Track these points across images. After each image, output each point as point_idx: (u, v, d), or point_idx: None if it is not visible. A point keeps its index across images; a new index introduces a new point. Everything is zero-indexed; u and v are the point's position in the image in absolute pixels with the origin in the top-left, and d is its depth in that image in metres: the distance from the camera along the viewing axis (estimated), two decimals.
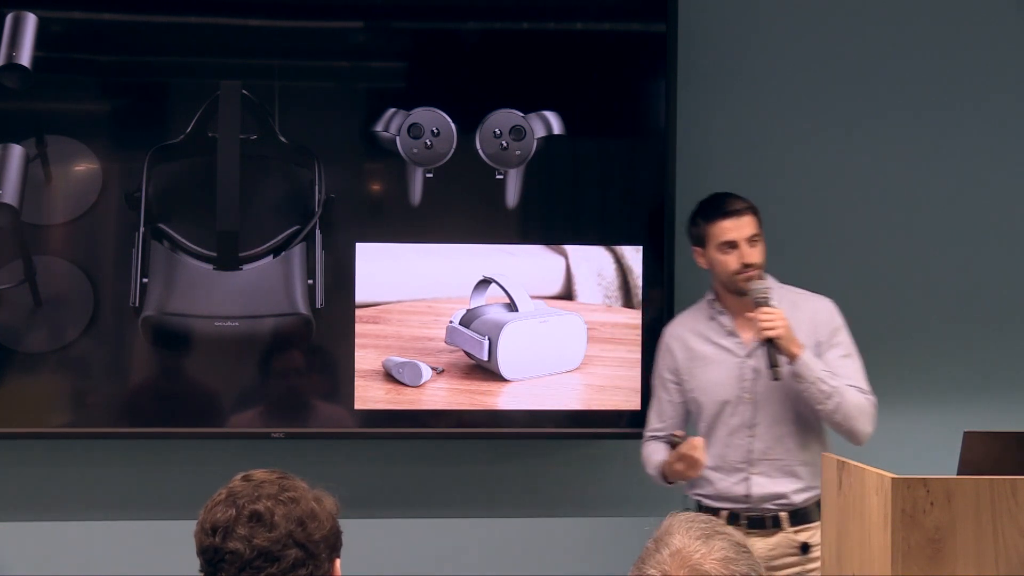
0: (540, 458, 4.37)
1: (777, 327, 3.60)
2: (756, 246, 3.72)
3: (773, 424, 3.71)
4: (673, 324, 3.91)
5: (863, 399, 3.68)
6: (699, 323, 3.82)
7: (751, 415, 3.71)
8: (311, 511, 2.03)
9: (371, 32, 4.30)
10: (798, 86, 4.42)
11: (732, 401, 3.73)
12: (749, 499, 3.71)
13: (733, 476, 3.73)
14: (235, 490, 2.05)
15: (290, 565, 1.99)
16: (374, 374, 4.16)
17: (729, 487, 3.73)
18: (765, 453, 3.70)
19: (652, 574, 1.78)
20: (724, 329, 3.77)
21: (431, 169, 4.18)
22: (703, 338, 3.80)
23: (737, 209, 3.73)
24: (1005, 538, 2.68)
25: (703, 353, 3.79)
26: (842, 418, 3.63)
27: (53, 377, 4.13)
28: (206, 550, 2.02)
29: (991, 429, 3.05)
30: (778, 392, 3.69)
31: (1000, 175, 4.48)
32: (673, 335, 3.86)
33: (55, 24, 4.11)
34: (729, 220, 3.72)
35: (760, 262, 3.71)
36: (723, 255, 3.72)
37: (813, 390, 3.62)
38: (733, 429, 3.72)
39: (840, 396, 3.62)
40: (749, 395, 3.71)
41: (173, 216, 4.11)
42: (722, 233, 3.72)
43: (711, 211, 3.76)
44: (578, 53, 4.22)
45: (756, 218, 3.74)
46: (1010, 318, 4.47)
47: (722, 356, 3.76)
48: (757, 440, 3.71)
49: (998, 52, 4.48)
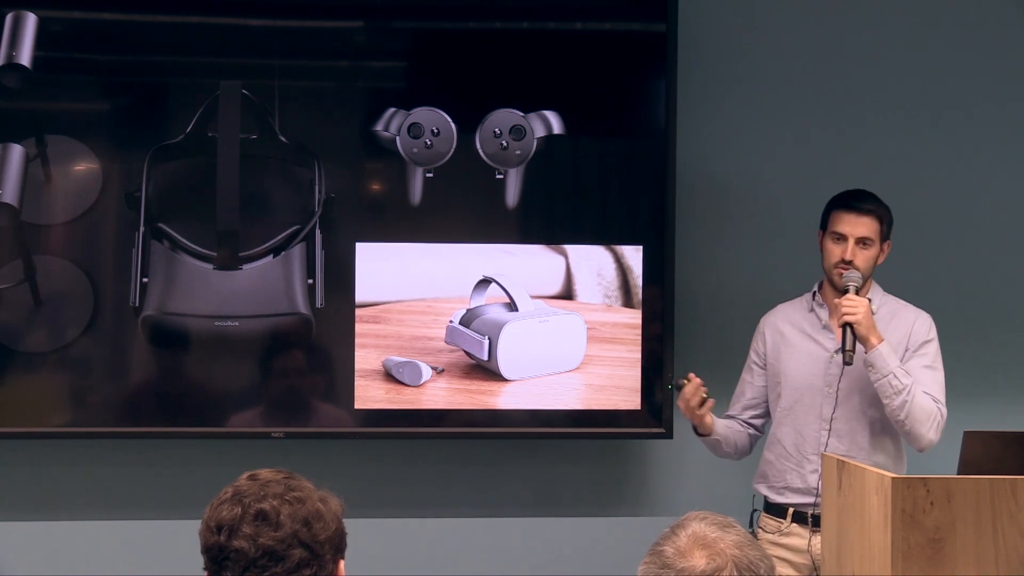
0: (540, 458, 4.36)
1: (858, 313, 3.61)
2: (866, 250, 3.73)
3: (850, 420, 3.74)
4: (772, 312, 3.95)
5: (932, 405, 3.67)
6: (797, 313, 3.87)
7: (831, 409, 3.74)
8: (317, 511, 2.03)
9: (371, 32, 4.30)
10: (798, 86, 4.42)
11: (813, 391, 3.76)
12: (818, 491, 3.69)
13: (804, 467, 3.76)
14: (241, 489, 2.05)
15: (295, 565, 1.99)
16: (374, 374, 4.16)
17: (799, 477, 3.76)
18: (837, 448, 3.72)
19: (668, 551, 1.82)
20: (820, 322, 3.82)
21: (431, 169, 4.18)
22: (796, 327, 3.85)
23: (861, 207, 3.75)
24: (1005, 538, 2.69)
25: (793, 341, 3.83)
26: (905, 417, 3.63)
27: (53, 377, 4.13)
28: (211, 548, 2.02)
29: (991, 429, 3.05)
30: (861, 392, 3.72)
31: (1001, 175, 4.49)
32: (768, 322, 3.93)
33: (55, 24, 4.11)
34: (849, 213, 3.75)
35: (862, 267, 3.72)
36: (832, 244, 3.75)
37: (884, 383, 3.62)
38: (810, 420, 3.77)
39: (910, 395, 3.62)
40: (832, 389, 3.74)
41: (173, 216, 4.11)
42: (837, 223, 3.75)
43: (839, 199, 3.80)
44: (578, 53, 4.22)
45: (879, 225, 3.75)
46: (1010, 318, 4.47)
47: (811, 347, 3.80)
48: (832, 434, 3.74)
49: (998, 52, 4.48)
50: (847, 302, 3.64)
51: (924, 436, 3.65)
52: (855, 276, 3.71)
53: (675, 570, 1.80)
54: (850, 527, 2.95)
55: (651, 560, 1.84)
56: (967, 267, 4.47)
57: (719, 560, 1.80)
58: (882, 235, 3.78)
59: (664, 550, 1.84)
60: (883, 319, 3.74)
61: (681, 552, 1.82)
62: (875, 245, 3.76)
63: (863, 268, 3.74)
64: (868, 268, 3.76)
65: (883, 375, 3.62)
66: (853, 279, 3.70)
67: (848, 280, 3.70)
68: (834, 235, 3.76)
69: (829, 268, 3.77)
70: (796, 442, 3.79)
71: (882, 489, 2.73)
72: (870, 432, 3.75)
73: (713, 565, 1.80)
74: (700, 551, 1.82)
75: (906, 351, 3.75)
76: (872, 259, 3.76)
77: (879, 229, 3.76)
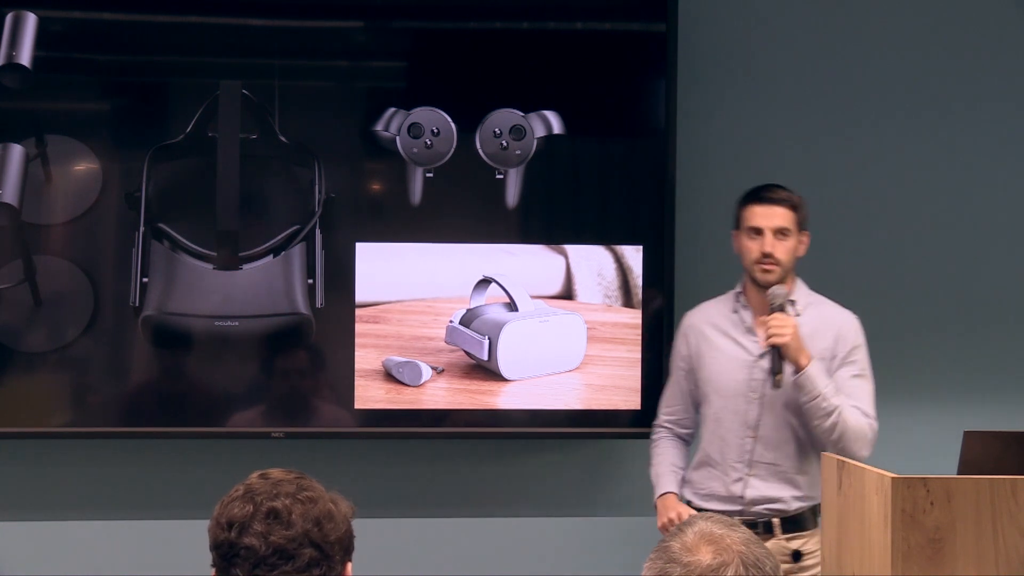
0: (540, 458, 4.37)
1: (784, 335, 3.52)
2: (784, 241, 3.63)
3: (776, 428, 3.65)
4: (694, 312, 3.85)
5: (864, 423, 3.60)
6: (720, 314, 3.76)
7: (756, 416, 3.65)
8: (328, 512, 2.03)
9: (371, 32, 4.30)
10: (798, 86, 4.43)
11: (738, 398, 3.67)
12: (742, 500, 3.66)
13: (730, 475, 3.67)
14: (253, 487, 2.04)
15: (304, 564, 1.99)
16: (374, 374, 4.16)
17: (724, 486, 3.68)
18: (763, 456, 3.64)
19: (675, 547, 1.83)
20: (744, 325, 3.71)
21: (431, 169, 4.18)
22: (720, 330, 3.74)
23: (772, 198, 3.66)
24: (1005, 538, 2.68)
25: (717, 345, 3.73)
26: (838, 438, 3.55)
27: (53, 377, 4.13)
28: (220, 545, 2.01)
29: (991, 429, 3.04)
30: (786, 398, 3.62)
31: (1001, 175, 4.49)
32: (691, 323, 3.82)
33: (55, 24, 4.11)
34: (761, 206, 3.65)
35: (782, 258, 3.62)
36: (748, 241, 3.66)
37: (814, 406, 3.54)
38: (735, 427, 3.67)
39: (840, 417, 3.55)
40: (756, 395, 3.65)
41: (173, 216, 4.11)
42: (751, 217, 3.66)
43: (749, 194, 3.71)
44: (578, 53, 4.22)
45: (793, 214, 3.65)
46: (1010, 318, 4.47)
47: (735, 351, 3.70)
48: (758, 442, 3.65)
49: (998, 52, 4.48)
50: (775, 323, 3.54)
51: (856, 454, 3.50)
52: (781, 293, 3.60)
53: (681, 564, 1.80)
54: (850, 527, 2.95)
55: (657, 556, 1.84)
56: (967, 266, 4.47)
57: (725, 556, 1.81)
58: (798, 224, 3.66)
59: (671, 546, 1.84)
60: (810, 322, 3.64)
61: (688, 548, 1.82)
62: (792, 235, 3.64)
63: (784, 260, 3.62)
64: (789, 260, 3.65)
65: (812, 398, 3.54)
66: (779, 296, 3.59)
67: (774, 298, 3.59)
68: (750, 230, 3.65)
69: (750, 265, 3.66)
70: (721, 449, 3.68)
71: (882, 489, 2.73)
72: (798, 439, 3.65)
73: (719, 560, 1.80)
74: (707, 547, 1.82)
75: (834, 358, 3.64)
76: (791, 251, 3.65)
77: (794, 218, 3.65)
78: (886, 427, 4.38)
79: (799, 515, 3.65)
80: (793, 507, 3.65)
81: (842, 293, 4.38)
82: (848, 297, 4.39)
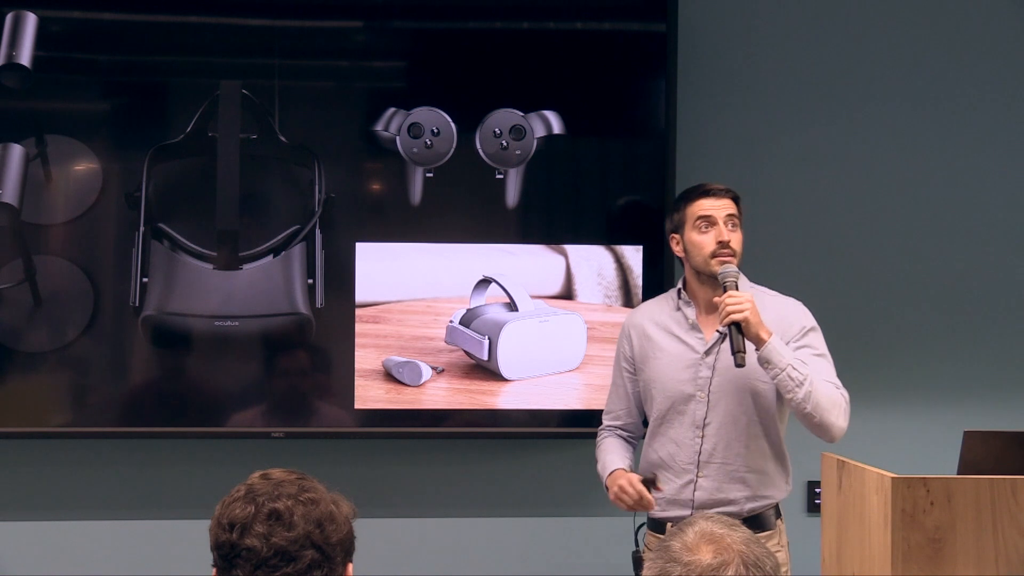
0: (540, 458, 4.37)
1: (744, 309, 3.36)
2: (736, 231, 3.53)
3: (725, 426, 3.51)
4: (635, 311, 3.75)
5: (836, 392, 3.45)
6: (663, 313, 3.62)
7: (703, 415, 3.52)
8: (330, 513, 2.02)
9: (371, 32, 4.30)
10: (798, 86, 4.43)
11: (684, 398, 3.54)
12: (692, 504, 3.52)
13: (681, 478, 3.54)
14: (254, 487, 2.04)
15: (306, 566, 1.98)
16: (374, 374, 4.16)
17: (677, 490, 3.54)
18: (712, 455, 3.51)
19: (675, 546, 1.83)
20: (687, 322, 3.56)
21: (431, 169, 4.18)
22: (663, 329, 3.59)
23: (718, 191, 3.55)
24: (1005, 538, 2.69)
25: (660, 344, 3.58)
26: (813, 408, 3.36)
27: (53, 377, 4.13)
28: (221, 545, 2.01)
29: (991, 429, 3.04)
30: (734, 394, 3.50)
31: (1001, 174, 4.49)
32: (633, 323, 3.67)
33: (55, 24, 4.11)
34: (708, 199, 3.53)
35: (737, 249, 3.52)
36: (699, 234, 3.52)
37: (784, 377, 3.38)
38: (683, 427, 3.54)
39: (811, 385, 3.38)
40: (703, 393, 3.52)
41: (173, 216, 4.11)
42: (700, 209, 3.53)
43: (691, 192, 3.59)
44: (578, 53, 4.22)
45: (737, 206, 3.56)
46: (1010, 318, 4.47)
47: (680, 349, 3.55)
48: (707, 441, 3.51)
49: (998, 52, 4.48)
50: (731, 299, 3.38)
51: (834, 424, 3.39)
52: (732, 271, 3.47)
53: (681, 564, 1.81)
54: (850, 527, 2.95)
55: (657, 555, 1.84)
56: (967, 266, 4.47)
57: (726, 555, 1.81)
58: (741, 218, 3.57)
59: (671, 545, 1.84)
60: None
61: (688, 547, 1.83)
62: (740, 227, 3.55)
63: (738, 249, 3.51)
64: (740, 251, 3.53)
65: (780, 369, 3.37)
66: (731, 274, 3.46)
67: (726, 276, 3.45)
68: (701, 222, 3.51)
69: (706, 259, 3.50)
70: (672, 452, 3.54)
71: (882, 489, 2.73)
72: (747, 436, 3.51)
73: (719, 560, 1.80)
74: (707, 546, 1.82)
75: (787, 344, 3.46)
76: (741, 241, 3.54)
77: (739, 210, 3.56)
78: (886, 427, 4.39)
79: (755, 516, 3.50)
80: (746, 508, 3.51)
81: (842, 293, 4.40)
82: (848, 296, 4.41)
